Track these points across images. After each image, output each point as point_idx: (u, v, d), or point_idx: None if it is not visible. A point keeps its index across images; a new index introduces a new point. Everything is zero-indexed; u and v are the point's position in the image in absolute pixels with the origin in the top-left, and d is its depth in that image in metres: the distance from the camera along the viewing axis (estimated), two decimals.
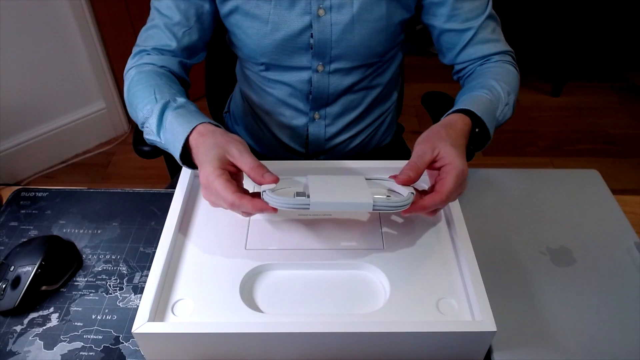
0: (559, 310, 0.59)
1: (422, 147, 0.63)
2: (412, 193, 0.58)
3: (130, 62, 0.81)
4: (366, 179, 0.61)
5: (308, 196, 0.56)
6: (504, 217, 0.71)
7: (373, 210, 0.56)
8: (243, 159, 0.59)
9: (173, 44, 0.80)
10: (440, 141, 0.62)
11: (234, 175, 0.60)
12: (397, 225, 0.66)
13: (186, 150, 0.65)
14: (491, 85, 0.76)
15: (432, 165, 0.62)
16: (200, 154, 0.62)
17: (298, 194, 0.58)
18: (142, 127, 0.73)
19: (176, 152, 0.65)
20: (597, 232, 0.69)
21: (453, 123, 0.67)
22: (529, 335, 0.57)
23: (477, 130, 0.70)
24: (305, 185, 0.60)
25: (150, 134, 0.71)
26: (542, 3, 2.46)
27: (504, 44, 0.84)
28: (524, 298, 0.61)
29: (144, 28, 0.82)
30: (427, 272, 0.60)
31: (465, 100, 0.72)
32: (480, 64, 0.83)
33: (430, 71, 2.44)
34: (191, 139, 0.64)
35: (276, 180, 0.58)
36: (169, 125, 0.68)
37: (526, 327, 0.58)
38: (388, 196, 0.59)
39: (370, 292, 0.59)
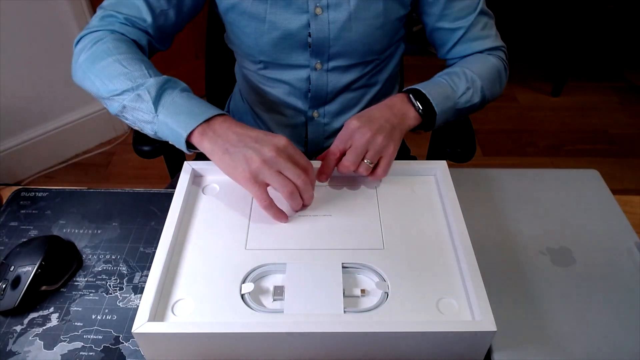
0: (559, 310, 0.59)
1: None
2: (386, 293, 0.58)
3: (95, 23, 0.75)
4: (343, 267, 0.60)
5: (283, 294, 0.57)
6: (504, 217, 0.71)
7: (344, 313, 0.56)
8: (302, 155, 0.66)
9: (148, 19, 0.76)
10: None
11: None
12: (397, 225, 0.66)
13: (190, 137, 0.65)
14: (453, 72, 0.81)
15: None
16: (252, 129, 0.65)
17: (275, 294, 0.58)
18: (119, 94, 0.68)
19: (184, 130, 0.64)
20: (597, 232, 0.69)
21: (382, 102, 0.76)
22: (529, 335, 0.57)
23: (410, 95, 0.76)
24: (284, 278, 0.59)
25: (136, 102, 0.67)
26: (541, 3, 2.46)
27: (494, 40, 0.87)
28: (524, 298, 0.61)
29: None
30: (427, 272, 0.60)
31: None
32: None
33: (430, 71, 2.43)
34: (220, 119, 0.66)
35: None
36: (180, 102, 0.66)
37: (526, 327, 0.58)
38: (362, 294, 0.58)
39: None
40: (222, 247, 0.63)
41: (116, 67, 0.69)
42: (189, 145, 0.66)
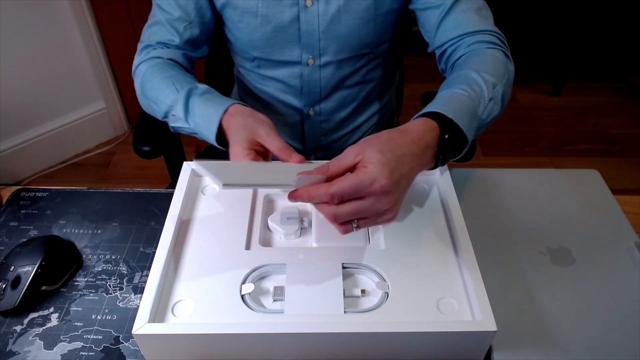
0: (559, 310, 0.59)
1: (349, 149, 0.54)
2: (386, 293, 0.58)
3: (137, 59, 0.83)
4: (343, 267, 0.60)
5: (284, 292, 0.57)
6: (504, 217, 0.71)
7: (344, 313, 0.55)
8: (270, 140, 0.63)
9: (176, 39, 0.82)
10: (372, 146, 0.53)
11: (262, 154, 0.65)
12: (397, 226, 0.66)
13: (220, 132, 0.69)
14: (471, 79, 0.66)
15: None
16: (231, 134, 0.66)
17: (275, 295, 0.58)
18: (166, 117, 0.77)
19: (211, 135, 0.70)
20: (597, 232, 0.69)
21: (409, 129, 0.57)
22: (529, 335, 0.57)
23: (446, 136, 0.58)
24: (284, 278, 0.59)
25: (176, 122, 0.76)
26: (542, 3, 2.46)
27: (486, 23, 0.77)
28: (524, 298, 0.61)
29: (146, 25, 0.84)
30: (427, 272, 0.60)
31: (439, 100, 0.63)
32: (460, 44, 0.76)
33: (430, 71, 2.44)
34: (223, 120, 0.69)
35: (302, 160, 0.61)
36: (198, 111, 0.72)
37: (526, 327, 0.58)
38: (362, 294, 0.58)
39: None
40: (222, 248, 0.63)
41: (152, 94, 0.78)
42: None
